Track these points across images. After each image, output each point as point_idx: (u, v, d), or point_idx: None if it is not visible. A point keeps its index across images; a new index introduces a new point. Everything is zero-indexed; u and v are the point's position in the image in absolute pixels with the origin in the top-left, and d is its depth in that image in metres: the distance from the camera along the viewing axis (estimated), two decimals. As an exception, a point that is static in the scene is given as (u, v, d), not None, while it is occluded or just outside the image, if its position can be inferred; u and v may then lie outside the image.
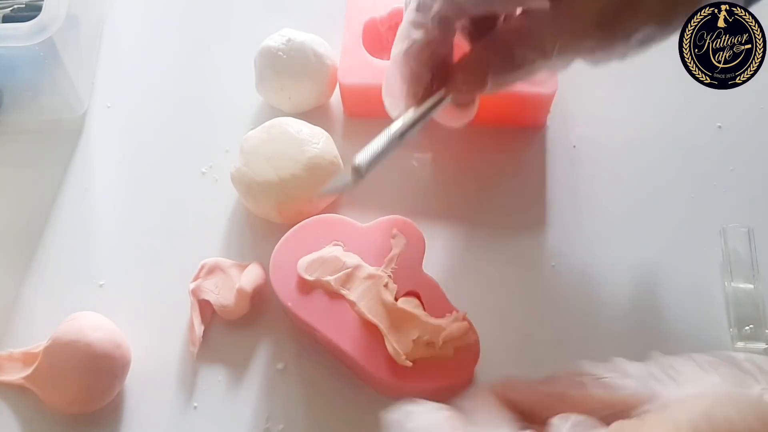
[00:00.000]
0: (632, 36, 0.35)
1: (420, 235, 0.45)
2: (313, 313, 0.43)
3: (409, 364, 0.41)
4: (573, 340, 0.45)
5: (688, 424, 0.28)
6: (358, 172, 0.39)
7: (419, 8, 0.40)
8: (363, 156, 0.39)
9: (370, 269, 0.44)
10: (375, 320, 0.42)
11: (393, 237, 0.44)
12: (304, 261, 0.44)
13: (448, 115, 0.43)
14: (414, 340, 0.42)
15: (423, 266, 0.44)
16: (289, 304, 0.43)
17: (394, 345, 0.41)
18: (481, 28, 0.41)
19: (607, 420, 0.31)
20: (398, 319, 0.42)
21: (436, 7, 0.39)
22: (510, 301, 0.47)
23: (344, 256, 0.44)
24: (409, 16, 0.40)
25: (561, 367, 0.33)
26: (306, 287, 0.44)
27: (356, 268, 0.44)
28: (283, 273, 0.44)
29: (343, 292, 0.43)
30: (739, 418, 0.28)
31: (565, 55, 0.37)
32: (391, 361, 0.42)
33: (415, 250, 0.44)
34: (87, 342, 0.42)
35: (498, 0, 0.39)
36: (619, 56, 0.37)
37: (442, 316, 0.43)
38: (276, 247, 0.45)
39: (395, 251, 0.44)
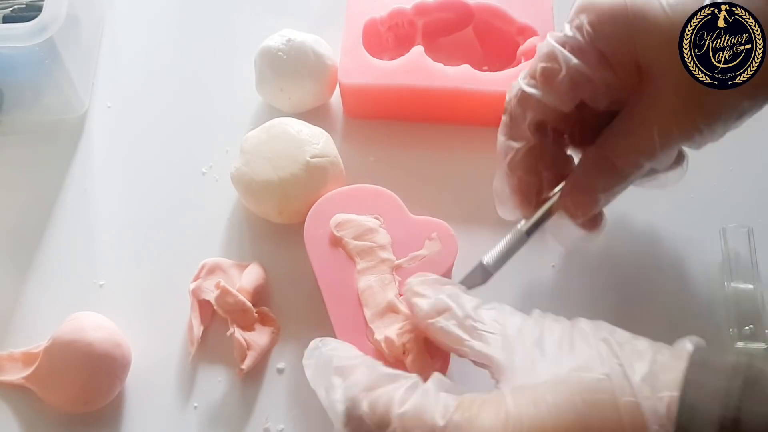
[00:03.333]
0: (730, 115, 0.36)
1: (454, 250, 0.45)
2: (323, 263, 0.45)
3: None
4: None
5: (516, 420, 0.31)
6: (486, 271, 0.42)
7: (512, 120, 0.41)
8: (491, 255, 0.42)
9: (389, 255, 0.45)
10: (363, 299, 0.43)
11: (429, 239, 0.45)
12: (340, 216, 0.45)
13: (575, 238, 0.43)
14: (387, 337, 0.42)
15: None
16: (308, 244, 0.45)
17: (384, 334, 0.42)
18: (582, 127, 0.42)
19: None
20: (387, 310, 0.43)
21: (530, 116, 0.40)
22: (510, 301, 0.47)
23: (376, 232, 0.45)
24: (503, 128, 0.41)
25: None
26: (333, 240, 0.45)
27: (380, 246, 0.45)
28: (320, 217, 0.46)
29: (357, 259, 0.44)
30: (567, 404, 0.31)
31: (669, 148, 0.38)
32: (363, 341, 0.42)
33: (443, 260, 0.44)
34: (87, 342, 0.42)
35: (583, 93, 0.39)
36: (720, 135, 0.38)
37: None
38: (326, 195, 0.46)
39: (423, 252, 0.45)
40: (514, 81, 0.41)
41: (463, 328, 0.37)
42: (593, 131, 0.41)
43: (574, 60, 0.38)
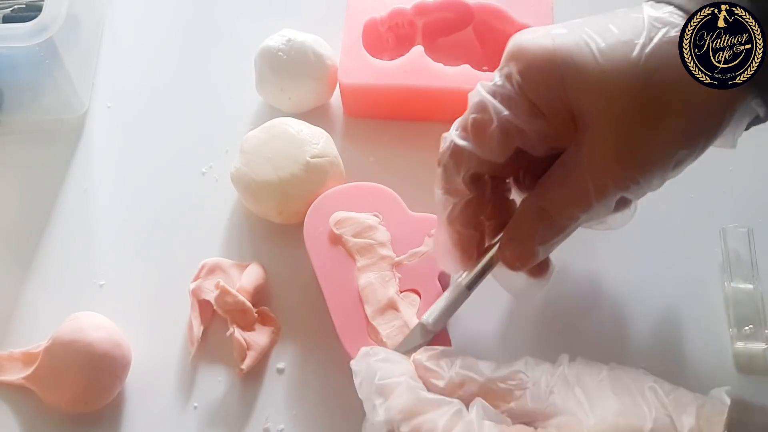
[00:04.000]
0: (666, 163, 0.35)
1: None
2: (323, 261, 0.45)
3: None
4: (573, 341, 0.45)
5: None
6: (427, 331, 0.41)
7: (447, 173, 0.39)
8: (430, 313, 0.41)
9: (389, 252, 0.45)
10: (363, 296, 0.44)
11: (429, 236, 0.45)
12: (339, 214, 0.46)
13: (523, 286, 0.42)
14: (386, 335, 0.42)
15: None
16: (308, 242, 0.45)
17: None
18: (525, 170, 0.40)
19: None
20: (387, 307, 0.43)
21: (464, 169, 0.38)
22: (510, 301, 0.47)
23: (376, 229, 0.45)
24: (439, 182, 0.40)
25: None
26: (332, 238, 0.45)
27: (379, 243, 0.45)
28: (320, 215, 0.46)
29: (356, 257, 0.45)
30: None
31: (605, 199, 0.36)
32: (364, 338, 0.42)
33: None
34: (87, 342, 0.42)
35: (516, 143, 0.37)
36: (658, 184, 0.36)
37: None
38: (325, 193, 0.47)
39: (423, 249, 0.45)
40: (446, 132, 0.39)
41: (488, 393, 0.36)
42: (537, 174, 0.39)
43: (505, 111, 0.36)
